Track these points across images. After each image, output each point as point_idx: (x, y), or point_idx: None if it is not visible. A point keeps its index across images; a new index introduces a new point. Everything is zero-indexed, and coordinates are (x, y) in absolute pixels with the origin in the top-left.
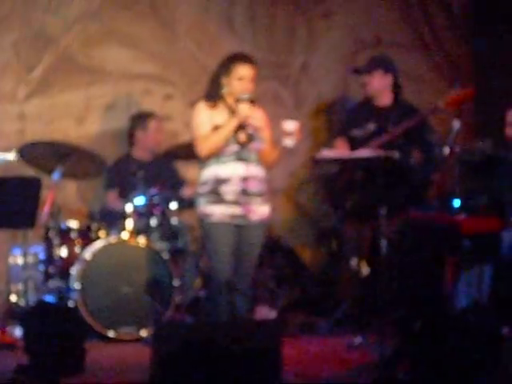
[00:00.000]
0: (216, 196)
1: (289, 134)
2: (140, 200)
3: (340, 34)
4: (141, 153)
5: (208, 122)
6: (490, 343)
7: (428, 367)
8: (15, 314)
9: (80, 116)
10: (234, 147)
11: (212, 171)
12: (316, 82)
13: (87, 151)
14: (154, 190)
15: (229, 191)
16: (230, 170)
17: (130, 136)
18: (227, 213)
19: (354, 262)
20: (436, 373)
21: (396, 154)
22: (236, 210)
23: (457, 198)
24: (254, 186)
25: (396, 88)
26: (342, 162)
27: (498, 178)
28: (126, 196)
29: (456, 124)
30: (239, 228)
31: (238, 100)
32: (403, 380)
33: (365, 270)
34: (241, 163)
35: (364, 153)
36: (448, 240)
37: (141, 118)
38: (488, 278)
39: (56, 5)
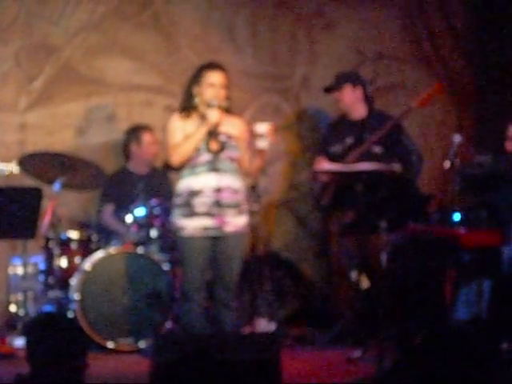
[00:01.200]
0: (188, 208)
1: (261, 135)
2: (140, 211)
3: (341, 47)
4: (137, 166)
5: (180, 132)
6: (489, 358)
7: (427, 381)
8: (14, 324)
9: (81, 127)
10: (206, 156)
11: (186, 183)
12: (317, 95)
13: (88, 162)
14: (154, 202)
15: (201, 203)
16: (203, 182)
17: (125, 150)
18: (200, 226)
19: (353, 275)
20: None
21: (397, 167)
22: (209, 222)
23: (457, 211)
24: (227, 198)
25: (368, 100)
26: (341, 175)
27: (498, 193)
28: (123, 209)
29: (457, 138)
30: (215, 240)
31: (208, 106)
32: None
33: (365, 283)
34: (214, 174)
35: (364, 166)
36: (448, 253)
37: (134, 132)
38: (487, 292)
39: (58, 15)
